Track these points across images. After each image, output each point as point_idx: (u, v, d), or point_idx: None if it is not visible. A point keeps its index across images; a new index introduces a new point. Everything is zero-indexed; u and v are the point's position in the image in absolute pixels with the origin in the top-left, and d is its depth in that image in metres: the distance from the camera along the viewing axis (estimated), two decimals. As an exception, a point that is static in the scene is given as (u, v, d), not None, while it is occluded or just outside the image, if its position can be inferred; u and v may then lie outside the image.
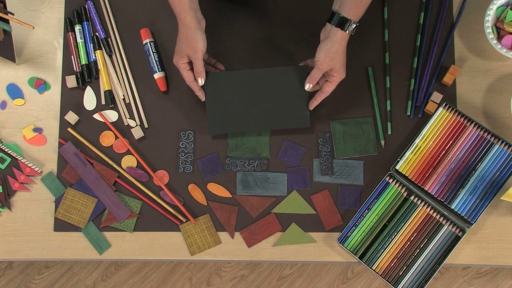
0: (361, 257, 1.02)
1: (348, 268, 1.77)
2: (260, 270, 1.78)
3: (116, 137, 1.09)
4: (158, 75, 1.10)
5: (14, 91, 1.11)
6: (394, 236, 1.02)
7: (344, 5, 0.93)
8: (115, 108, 1.10)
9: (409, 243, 1.02)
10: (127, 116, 1.10)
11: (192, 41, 0.95)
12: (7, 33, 1.07)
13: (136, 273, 1.78)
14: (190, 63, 1.00)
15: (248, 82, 1.03)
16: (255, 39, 1.12)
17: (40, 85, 1.11)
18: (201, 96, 1.03)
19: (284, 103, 1.03)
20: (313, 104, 1.03)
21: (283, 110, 1.03)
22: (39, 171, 1.07)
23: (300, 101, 1.03)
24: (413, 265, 1.01)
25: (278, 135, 1.08)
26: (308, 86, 1.00)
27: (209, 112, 1.03)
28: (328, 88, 1.00)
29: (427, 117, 1.08)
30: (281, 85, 1.03)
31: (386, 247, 1.02)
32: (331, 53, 0.95)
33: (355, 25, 0.94)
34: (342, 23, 0.93)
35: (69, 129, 1.08)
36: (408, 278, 1.01)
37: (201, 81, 1.00)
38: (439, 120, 1.06)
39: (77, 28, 1.12)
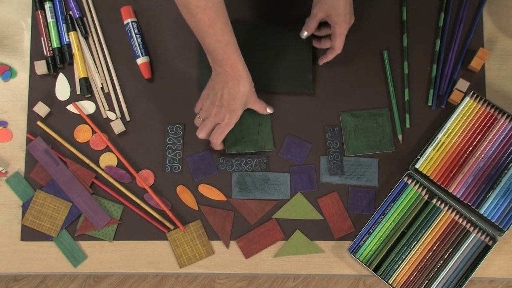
0: (375, 270, 1.02)
1: (359, 280, 1.80)
2: (259, 282, 1.82)
3: (94, 132, 1.08)
4: (141, 60, 1.09)
5: (-25, 79, 1.11)
6: (414, 246, 1.02)
7: None
8: (92, 98, 1.10)
9: (431, 253, 1.02)
10: (106, 107, 1.09)
11: (249, 95, 0.99)
12: (-34, 12, 1.07)
13: (119, 285, 1.83)
14: None
15: (247, 36, 1.05)
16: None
17: (5, 72, 1.10)
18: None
19: (286, 64, 1.07)
20: (322, 60, 1.07)
21: (285, 72, 1.06)
22: (3, 171, 1.06)
23: (304, 63, 1.07)
24: (436, 279, 1.01)
25: (280, 128, 1.08)
26: (303, 33, 1.05)
27: (201, 68, 1.05)
28: (334, 43, 1.03)
29: (451, 108, 1.08)
30: (284, 43, 1.07)
31: (405, 258, 1.01)
32: None
33: None
34: None
35: (39, 123, 1.08)
36: (431, 294, 1.01)
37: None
38: (466, 111, 1.05)
39: (48, 5, 1.11)
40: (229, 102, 0.97)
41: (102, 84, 1.09)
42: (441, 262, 1.01)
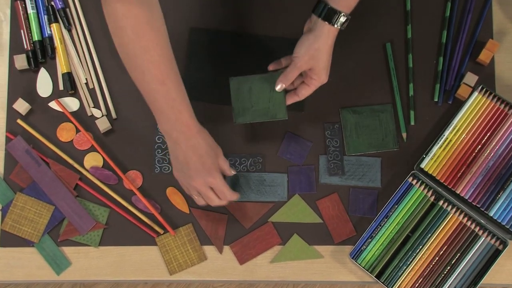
0: (378, 276, 1.02)
1: (362, 287, 1.77)
2: (255, 289, 1.82)
3: (78, 131, 1.08)
4: (128, 54, 1.08)
5: (-49, 74, 1.10)
6: (419, 250, 1.02)
7: None
8: (75, 94, 1.10)
9: (437, 258, 1.02)
10: (91, 104, 1.09)
11: (215, 147, 0.95)
12: None
13: (107, 294, 1.84)
14: None
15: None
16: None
17: (-18, 67, 1.09)
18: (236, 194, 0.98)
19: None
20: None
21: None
22: (-19, 173, 1.06)
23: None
24: (443, 285, 1.01)
25: (277, 126, 1.08)
26: (279, 86, 0.98)
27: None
28: (304, 92, 0.98)
29: (459, 103, 1.08)
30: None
31: (410, 264, 1.02)
32: (313, 50, 0.94)
33: (345, 18, 0.92)
34: (329, 15, 0.92)
35: (19, 121, 1.07)
36: (437, 302, 1.01)
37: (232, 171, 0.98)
38: (474, 107, 1.05)
39: (28, -5, 1.11)
40: (203, 165, 0.93)
41: (86, 79, 1.09)
42: (449, 267, 1.01)
